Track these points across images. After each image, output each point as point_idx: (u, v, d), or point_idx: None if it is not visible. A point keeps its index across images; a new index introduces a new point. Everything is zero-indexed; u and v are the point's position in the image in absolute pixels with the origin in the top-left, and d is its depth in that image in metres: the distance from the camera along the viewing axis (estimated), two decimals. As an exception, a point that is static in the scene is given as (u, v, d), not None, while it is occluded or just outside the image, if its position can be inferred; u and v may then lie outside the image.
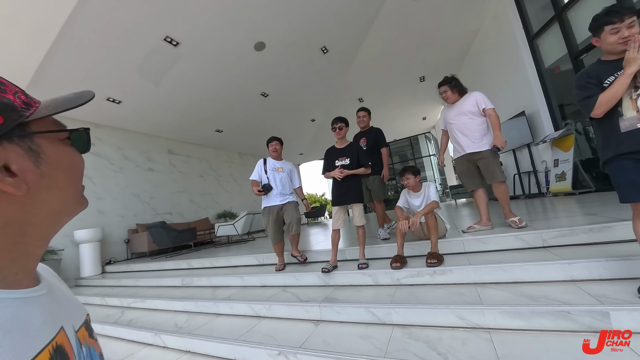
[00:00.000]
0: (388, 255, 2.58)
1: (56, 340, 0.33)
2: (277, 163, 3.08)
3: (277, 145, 3.09)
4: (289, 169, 3.12)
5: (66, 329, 0.36)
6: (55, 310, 0.36)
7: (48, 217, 0.33)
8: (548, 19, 4.60)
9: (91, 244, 5.05)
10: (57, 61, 4.07)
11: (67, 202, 0.35)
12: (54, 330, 0.33)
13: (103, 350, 0.45)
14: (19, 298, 0.31)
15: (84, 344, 0.40)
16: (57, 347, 0.32)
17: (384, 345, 1.61)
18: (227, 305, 2.56)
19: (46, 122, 0.34)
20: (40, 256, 0.36)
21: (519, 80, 5.34)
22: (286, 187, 3.00)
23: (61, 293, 0.41)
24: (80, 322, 0.41)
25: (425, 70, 7.58)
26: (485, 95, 2.56)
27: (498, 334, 1.54)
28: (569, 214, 2.74)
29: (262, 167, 3.03)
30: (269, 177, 2.98)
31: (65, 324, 0.36)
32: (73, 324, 0.39)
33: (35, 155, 0.31)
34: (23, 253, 0.32)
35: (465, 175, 2.67)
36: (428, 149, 16.94)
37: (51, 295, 0.37)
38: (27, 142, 0.30)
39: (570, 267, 1.74)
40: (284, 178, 3.01)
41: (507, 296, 1.71)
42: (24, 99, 0.31)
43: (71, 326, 0.38)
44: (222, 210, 8.61)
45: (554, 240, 2.10)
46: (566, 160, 4.50)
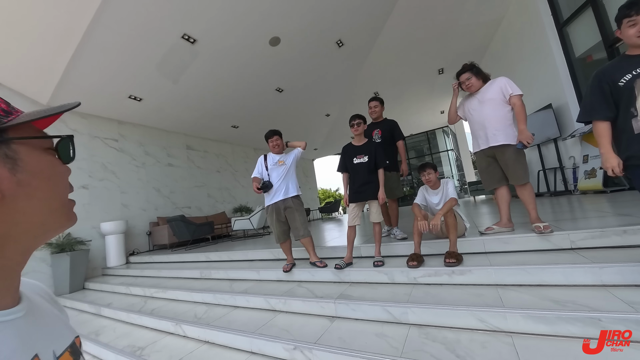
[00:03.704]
0: (404, 254, 2.55)
1: None
2: (278, 157, 2.91)
3: (277, 139, 2.91)
4: (291, 157, 2.92)
5: (42, 356, 0.33)
6: (32, 335, 0.33)
7: (29, 230, 0.31)
8: (580, 4, 4.29)
9: (116, 235, 5.32)
10: (83, 62, 4.24)
11: (50, 215, 0.33)
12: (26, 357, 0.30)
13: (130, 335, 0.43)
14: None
15: None
16: None
17: (400, 344, 1.60)
18: (244, 299, 2.63)
19: (28, 131, 0.32)
20: (20, 273, 0.34)
21: (545, 71, 5.04)
22: (289, 180, 2.83)
23: (45, 314, 0.38)
24: (64, 347, 0.38)
25: (444, 62, 7.31)
26: (511, 81, 2.26)
27: (521, 338, 1.48)
28: (600, 213, 2.59)
29: (263, 163, 2.91)
30: (270, 173, 2.83)
31: (42, 350, 0.33)
32: (54, 348, 0.35)
33: (12, 162, 0.29)
34: (1, 270, 0.30)
35: (485, 172, 2.44)
36: (446, 143, 16.46)
37: (31, 317, 0.34)
38: (2, 149, 0.29)
39: (602, 272, 1.65)
40: (287, 171, 2.84)
41: (531, 299, 1.64)
42: (4, 107, 0.30)
43: (51, 351, 0.35)
44: (238, 204, 8.79)
45: (583, 242, 1.99)
46: (597, 156, 4.22)
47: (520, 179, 2.23)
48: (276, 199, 2.78)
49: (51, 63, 4.12)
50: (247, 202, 9.10)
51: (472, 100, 2.44)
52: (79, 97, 4.99)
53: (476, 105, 2.39)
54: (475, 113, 2.40)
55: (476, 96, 2.41)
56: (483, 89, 2.37)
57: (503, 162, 2.30)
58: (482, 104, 2.34)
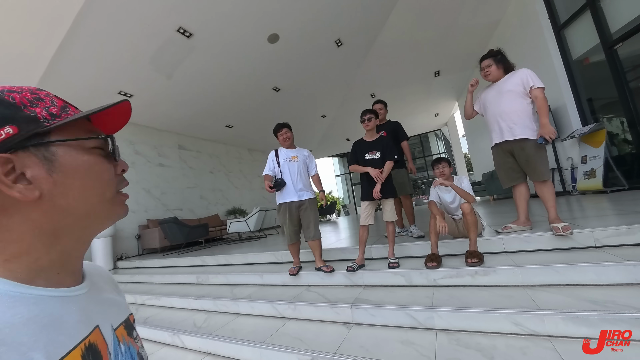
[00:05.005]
0: (419, 254, 2.43)
1: (89, 338, 0.34)
2: (291, 152, 2.71)
3: (287, 132, 2.70)
4: (304, 156, 2.74)
5: (102, 328, 0.37)
6: (93, 310, 0.37)
7: (75, 223, 0.34)
8: (578, 7, 4.36)
9: (102, 239, 5.00)
10: (71, 53, 3.98)
11: (92, 209, 0.35)
12: (88, 328, 0.34)
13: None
14: (58, 296, 0.33)
15: (122, 342, 0.40)
16: (89, 345, 0.33)
17: (431, 352, 1.47)
18: (248, 305, 2.44)
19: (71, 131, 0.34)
20: (81, 257, 0.39)
21: (543, 73, 5.07)
22: (303, 178, 2.67)
23: (104, 293, 0.43)
24: (120, 321, 0.43)
25: (440, 65, 7.35)
26: (535, 73, 2.15)
27: (562, 342, 1.37)
28: (615, 211, 2.55)
29: (274, 159, 2.70)
30: (282, 170, 2.63)
31: (102, 322, 0.37)
32: (112, 322, 0.40)
33: (49, 163, 0.32)
34: (60, 255, 0.34)
35: (502, 169, 2.33)
36: (438, 146, 16.65)
37: (91, 294, 0.39)
38: (42, 151, 0.32)
39: (636, 269, 1.57)
40: (300, 168, 2.66)
41: (566, 300, 1.55)
42: (53, 112, 0.34)
43: (109, 324, 0.39)
44: (232, 206, 8.53)
45: (608, 239, 1.92)
46: (596, 157, 4.26)
47: (541, 175, 2.13)
48: (290, 198, 2.59)
49: (36, 52, 3.83)
50: (241, 204, 8.85)
51: (491, 90, 2.33)
52: (64, 92, 4.68)
53: (494, 96, 2.28)
54: (492, 105, 2.29)
55: (495, 87, 2.30)
56: (503, 80, 2.26)
57: (522, 157, 2.19)
58: (500, 95, 2.23)
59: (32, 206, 0.31)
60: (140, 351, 0.45)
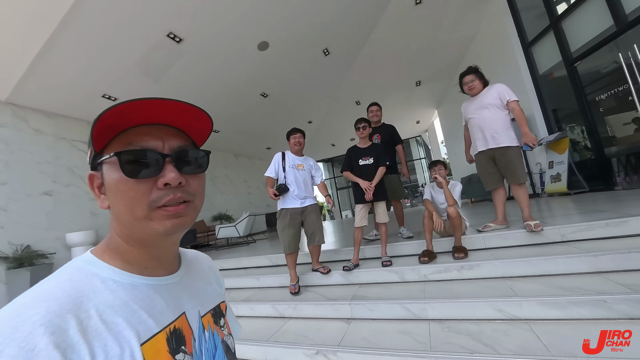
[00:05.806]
0: (410, 253, 2.61)
1: (175, 324, 0.37)
2: (298, 159, 2.63)
3: (300, 137, 2.62)
4: (310, 166, 2.69)
5: (189, 314, 0.40)
6: (182, 297, 0.41)
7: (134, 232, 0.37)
8: (543, 27, 4.84)
9: (84, 247, 4.78)
10: (54, 54, 3.86)
11: (132, 224, 0.37)
12: (174, 315, 0.38)
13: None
14: (151, 284, 0.38)
15: (207, 329, 0.43)
16: (174, 330, 0.36)
17: (426, 339, 1.62)
18: (248, 307, 2.50)
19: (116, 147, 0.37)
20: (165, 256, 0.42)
21: (514, 86, 5.41)
22: (308, 187, 2.63)
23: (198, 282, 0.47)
24: (208, 309, 0.46)
25: (421, 75, 7.77)
26: (508, 87, 2.43)
27: (537, 324, 1.57)
28: (579, 211, 2.87)
29: (280, 162, 2.59)
30: (287, 176, 2.56)
31: (189, 309, 0.41)
32: (200, 309, 0.43)
33: (102, 180, 0.38)
34: (138, 254, 0.39)
35: (486, 173, 2.57)
36: (419, 152, 17.31)
37: (182, 283, 0.43)
38: (100, 171, 0.38)
39: (596, 260, 1.82)
40: (305, 177, 2.61)
41: (540, 288, 1.76)
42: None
43: (197, 311, 0.42)
44: (217, 212, 8.41)
45: (573, 235, 2.18)
46: (561, 162, 4.71)
47: (519, 178, 2.40)
48: (292, 204, 2.52)
49: (19, 52, 3.68)
50: (227, 209, 8.74)
51: (472, 104, 2.59)
52: (45, 93, 4.52)
53: (476, 108, 2.53)
54: (474, 117, 2.55)
55: (476, 100, 2.56)
56: (482, 94, 2.52)
57: (503, 162, 2.44)
58: (482, 108, 2.48)
59: (111, 214, 0.38)
60: (225, 339, 0.46)
